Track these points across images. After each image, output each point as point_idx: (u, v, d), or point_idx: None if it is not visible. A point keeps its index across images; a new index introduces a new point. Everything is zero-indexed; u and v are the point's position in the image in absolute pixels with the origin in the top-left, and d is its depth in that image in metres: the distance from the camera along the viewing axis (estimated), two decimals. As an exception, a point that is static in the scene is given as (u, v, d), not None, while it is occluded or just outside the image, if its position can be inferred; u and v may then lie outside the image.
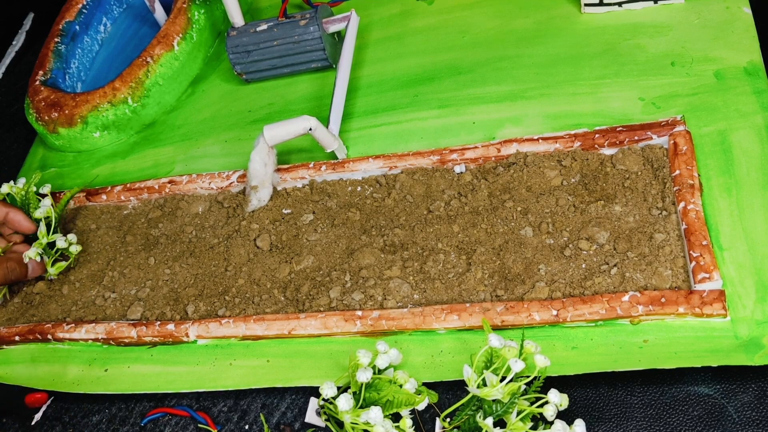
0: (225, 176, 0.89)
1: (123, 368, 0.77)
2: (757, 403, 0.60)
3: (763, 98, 0.76)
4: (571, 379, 0.64)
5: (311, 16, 0.95)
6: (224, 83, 1.04)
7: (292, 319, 0.73)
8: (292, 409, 0.70)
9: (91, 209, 0.94)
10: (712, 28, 0.84)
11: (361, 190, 0.84)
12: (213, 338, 0.76)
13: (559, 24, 0.92)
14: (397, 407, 0.62)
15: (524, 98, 0.86)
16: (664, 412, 0.61)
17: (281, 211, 0.85)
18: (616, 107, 0.81)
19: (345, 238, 0.80)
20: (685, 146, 0.73)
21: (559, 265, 0.70)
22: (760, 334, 0.61)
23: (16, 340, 0.83)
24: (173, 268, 0.84)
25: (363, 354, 0.64)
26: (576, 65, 0.86)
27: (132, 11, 1.16)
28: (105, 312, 0.82)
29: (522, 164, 0.78)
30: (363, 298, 0.73)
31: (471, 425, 0.61)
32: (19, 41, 1.28)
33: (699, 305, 0.63)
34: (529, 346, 0.60)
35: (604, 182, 0.75)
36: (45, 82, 1.04)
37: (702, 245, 0.66)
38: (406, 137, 0.87)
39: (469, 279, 0.72)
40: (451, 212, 0.78)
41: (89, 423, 0.75)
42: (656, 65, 0.83)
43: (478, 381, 0.59)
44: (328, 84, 0.97)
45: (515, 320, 0.67)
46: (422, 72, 0.94)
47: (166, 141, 1.00)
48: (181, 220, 0.88)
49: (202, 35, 1.06)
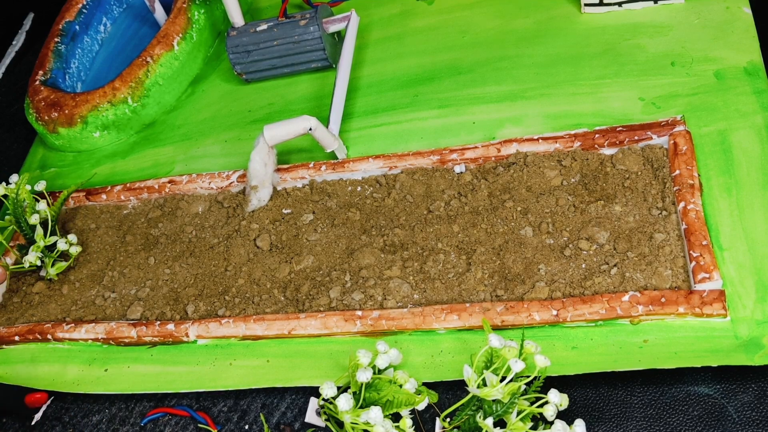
0: (225, 176, 0.89)
1: (123, 368, 0.77)
2: (757, 403, 0.60)
3: (763, 98, 0.76)
4: (571, 379, 0.64)
5: (311, 16, 0.95)
6: (224, 83, 1.04)
7: (292, 319, 0.73)
8: (292, 409, 0.70)
9: (91, 209, 0.94)
10: (712, 28, 0.84)
11: (361, 190, 0.84)
12: (213, 338, 0.76)
13: (559, 24, 0.92)
14: (397, 407, 0.62)
15: (524, 98, 0.86)
16: (664, 412, 0.61)
17: (281, 211, 0.85)
18: (616, 107, 0.81)
19: (345, 238, 0.80)
20: (685, 146, 0.73)
21: (559, 265, 0.70)
22: (760, 334, 0.61)
23: (16, 340, 0.83)
24: (173, 268, 0.84)
25: (363, 354, 0.64)
26: (576, 65, 0.86)
27: (132, 11, 1.16)
28: (105, 312, 0.82)
29: (522, 164, 0.78)
30: (363, 298, 0.73)
31: (471, 425, 0.61)
32: (19, 41, 1.28)
33: (699, 305, 0.63)
34: (529, 346, 0.59)
35: (604, 182, 0.75)
36: (45, 82, 1.03)
37: (702, 245, 0.66)
38: (406, 137, 0.87)
39: (469, 279, 0.72)
40: (451, 212, 0.78)
41: (89, 423, 0.75)
42: (656, 65, 0.83)
43: (479, 381, 0.59)
44: (328, 84, 0.97)
45: (515, 320, 0.67)
46: (422, 72, 0.94)
47: (166, 141, 1.00)
48: (181, 220, 0.88)
49: (202, 35, 1.06)
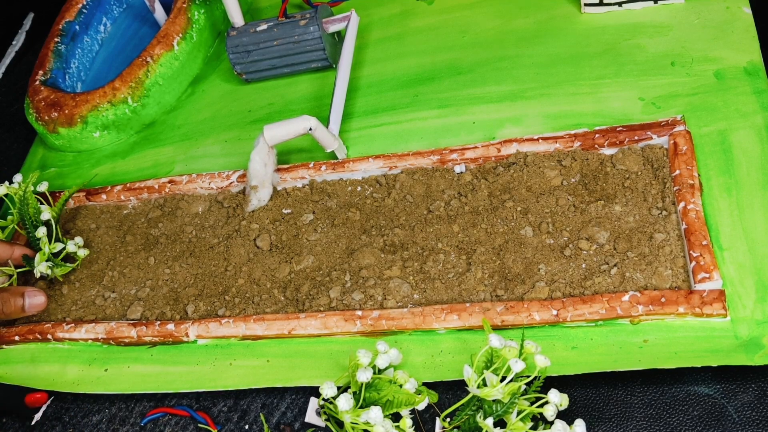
0: (225, 176, 0.89)
1: (123, 368, 0.77)
2: (757, 403, 0.60)
3: (763, 98, 0.76)
4: (571, 379, 0.64)
5: (311, 16, 0.95)
6: (224, 83, 1.04)
7: (292, 319, 0.73)
8: (292, 409, 0.70)
9: (91, 209, 0.94)
10: (712, 28, 0.84)
11: (361, 190, 0.84)
12: (213, 338, 0.76)
13: (559, 24, 0.92)
14: (397, 407, 0.62)
15: (524, 98, 0.86)
16: (664, 412, 0.61)
17: (281, 211, 0.85)
18: (616, 107, 0.80)
19: (345, 238, 0.80)
20: (685, 146, 0.73)
21: (559, 265, 0.70)
22: (760, 334, 0.61)
23: (16, 340, 0.83)
24: (173, 268, 0.84)
25: (363, 354, 0.64)
26: (576, 65, 0.86)
27: (132, 11, 1.16)
28: (105, 312, 0.82)
29: (522, 164, 0.78)
30: (363, 298, 0.73)
31: (471, 425, 0.61)
32: (19, 41, 1.28)
33: (699, 305, 0.63)
34: (530, 346, 0.60)
35: (604, 182, 0.75)
36: (45, 82, 1.03)
37: (702, 245, 0.66)
38: (406, 137, 0.87)
39: (469, 279, 0.72)
40: (451, 212, 0.78)
41: (89, 423, 0.75)
42: (656, 65, 0.83)
43: (479, 381, 0.59)
44: (328, 84, 0.97)
45: (515, 320, 0.67)
46: (422, 72, 0.94)
47: (166, 141, 1.00)
48: (181, 220, 0.88)
49: (202, 35, 1.06)
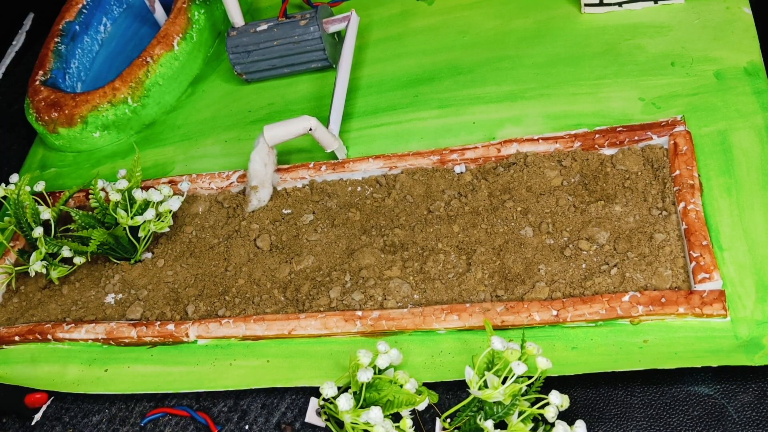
0: (225, 176, 0.89)
1: (123, 368, 0.77)
2: (757, 403, 0.60)
3: (763, 98, 0.76)
4: (572, 379, 0.64)
5: (311, 16, 0.95)
6: (224, 83, 1.04)
7: (292, 319, 0.73)
8: (292, 409, 0.70)
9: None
10: (712, 28, 0.84)
11: (361, 190, 0.84)
12: (213, 338, 0.76)
13: (559, 24, 0.92)
14: (397, 407, 0.62)
15: (524, 98, 0.86)
16: (664, 412, 0.61)
17: (281, 211, 0.85)
18: (616, 107, 0.81)
19: (345, 238, 0.80)
20: (685, 146, 0.73)
21: (559, 265, 0.70)
22: (760, 334, 0.61)
23: (16, 340, 0.83)
24: (173, 268, 0.84)
25: (363, 354, 0.64)
26: (576, 65, 0.86)
27: (132, 11, 1.16)
28: (105, 312, 0.82)
29: (522, 164, 0.78)
30: (363, 298, 0.73)
31: (472, 426, 0.61)
32: (19, 41, 1.28)
33: (699, 305, 0.63)
34: (531, 348, 0.59)
35: (604, 182, 0.75)
36: (45, 82, 1.03)
37: (702, 245, 0.66)
38: (406, 137, 0.87)
39: (469, 279, 0.72)
40: (451, 212, 0.78)
41: (89, 423, 0.75)
42: (656, 65, 0.83)
43: (480, 383, 0.59)
44: (328, 84, 0.97)
45: (515, 320, 0.67)
46: (422, 72, 0.94)
47: (166, 141, 1.00)
48: (181, 220, 0.88)
49: (202, 35, 1.06)
